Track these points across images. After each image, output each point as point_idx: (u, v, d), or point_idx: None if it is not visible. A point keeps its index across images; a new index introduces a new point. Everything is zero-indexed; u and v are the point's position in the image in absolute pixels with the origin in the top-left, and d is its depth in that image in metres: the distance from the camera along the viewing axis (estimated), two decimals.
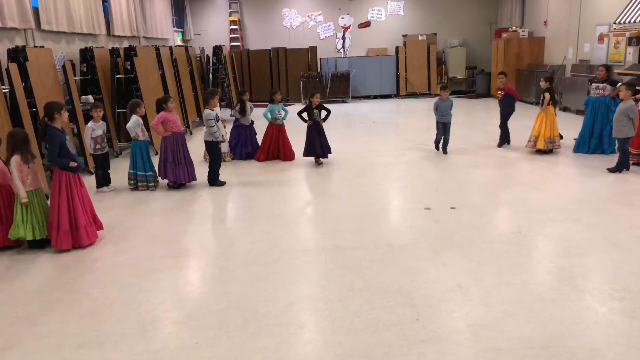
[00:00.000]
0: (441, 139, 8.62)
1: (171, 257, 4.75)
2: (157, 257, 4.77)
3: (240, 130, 8.72)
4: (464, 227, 5.22)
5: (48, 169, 6.73)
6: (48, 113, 4.93)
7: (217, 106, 7.50)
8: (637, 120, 6.84)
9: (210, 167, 7.17)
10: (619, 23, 10.91)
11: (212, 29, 18.54)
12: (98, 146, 6.88)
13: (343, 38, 18.57)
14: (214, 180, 7.15)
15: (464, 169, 7.64)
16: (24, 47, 7.35)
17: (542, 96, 8.08)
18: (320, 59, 17.20)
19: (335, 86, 16.61)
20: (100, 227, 5.30)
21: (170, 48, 11.95)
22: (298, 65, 17.03)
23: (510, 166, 7.74)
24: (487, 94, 16.84)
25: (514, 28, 16.32)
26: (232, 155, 8.76)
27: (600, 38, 12.11)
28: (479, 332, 3.33)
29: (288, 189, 7.02)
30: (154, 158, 7.32)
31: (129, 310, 3.78)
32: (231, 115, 11.32)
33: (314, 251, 4.76)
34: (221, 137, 7.16)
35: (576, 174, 7.17)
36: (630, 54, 10.91)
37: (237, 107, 8.74)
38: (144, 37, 13.93)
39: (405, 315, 3.56)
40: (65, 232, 4.88)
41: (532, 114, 9.43)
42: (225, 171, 7.63)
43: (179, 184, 7.06)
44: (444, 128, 8.50)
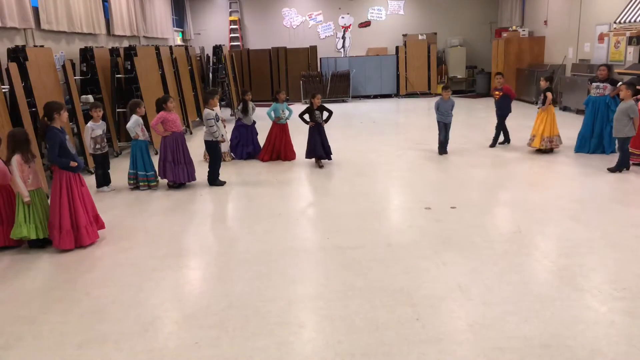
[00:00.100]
0: (444, 141, 8.58)
1: (171, 257, 4.75)
2: (157, 256, 4.77)
3: (242, 130, 8.72)
4: (464, 227, 5.22)
5: (48, 169, 6.73)
6: (47, 113, 4.93)
7: (217, 106, 7.50)
8: (637, 120, 6.84)
9: (210, 167, 7.18)
10: (619, 22, 10.91)
11: (212, 29, 18.54)
12: (98, 146, 6.88)
13: (343, 38, 18.56)
14: (214, 180, 7.15)
15: (464, 168, 7.63)
16: (23, 46, 7.35)
17: (543, 95, 8.08)
18: (320, 58, 17.19)
19: (335, 86, 16.61)
20: (102, 226, 5.31)
21: (170, 48, 11.95)
22: (298, 65, 17.04)
23: (511, 166, 7.74)
24: (487, 93, 16.81)
25: (514, 27, 16.32)
26: (233, 155, 8.77)
27: (601, 37, 12.10)
28: (479, 332, 3.32)
29: (288, 188, 7.02)
30: (154, 158, 7.33)
31: (129, 310, 3.78)
32: (231, 115, 11.34)
33: (315, 251, 4.76)
34: (221, 137, 7.16)
35: (576, 173, 7.17)
36: (631, 54, 10.90)
37: (240, 106, 8.75)
38: (144, 36, 13.93)
39: (406, 314, 3.56)
40: (67, 231, 4.88)
41: (532, 114, 9.43)
42: (225, 171, 7.63)
43: (179, 183, 7.07)
44: (445, 128, 8.49)
